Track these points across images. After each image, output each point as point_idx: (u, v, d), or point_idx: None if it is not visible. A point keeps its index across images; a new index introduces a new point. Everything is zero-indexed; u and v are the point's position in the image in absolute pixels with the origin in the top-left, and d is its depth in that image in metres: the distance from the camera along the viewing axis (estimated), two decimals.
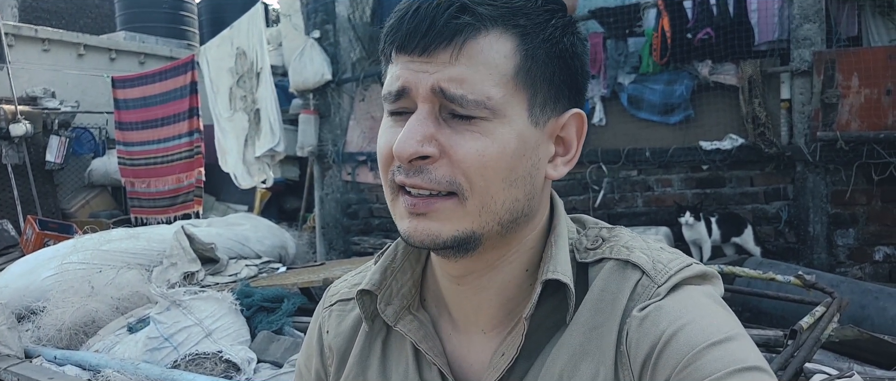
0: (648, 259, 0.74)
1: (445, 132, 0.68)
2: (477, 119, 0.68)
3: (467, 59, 0.67)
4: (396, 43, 0.70)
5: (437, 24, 0.66)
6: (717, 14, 4.50)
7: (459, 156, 0.68)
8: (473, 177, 0.68)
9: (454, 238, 0.70)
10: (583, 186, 5.12)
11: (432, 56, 0.67)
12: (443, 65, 0.67)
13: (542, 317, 0.75)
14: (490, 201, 0.70)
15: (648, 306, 0.69)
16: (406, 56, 0.69)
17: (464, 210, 0.69)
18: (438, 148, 0.68)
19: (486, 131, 0.68)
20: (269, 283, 4.10)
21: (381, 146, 0.73)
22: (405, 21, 0.68)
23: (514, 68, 0.69)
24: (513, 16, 0.69)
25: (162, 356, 3.39)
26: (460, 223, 0.70)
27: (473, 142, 0.68)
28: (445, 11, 0.66)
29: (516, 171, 0.70)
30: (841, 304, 2.81)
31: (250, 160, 6.58)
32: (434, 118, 0.68)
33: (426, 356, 0.79)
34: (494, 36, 0.68)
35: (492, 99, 0.68)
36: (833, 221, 4.41)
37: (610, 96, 4.98)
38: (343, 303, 0.91)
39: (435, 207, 0.69)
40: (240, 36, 6.55)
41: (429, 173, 0.68)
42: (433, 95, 0.67)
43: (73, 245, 4.72)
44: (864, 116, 4.13)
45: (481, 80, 0.67)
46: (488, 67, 0.68)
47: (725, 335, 0.65)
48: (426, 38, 0.67)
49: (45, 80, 8.83)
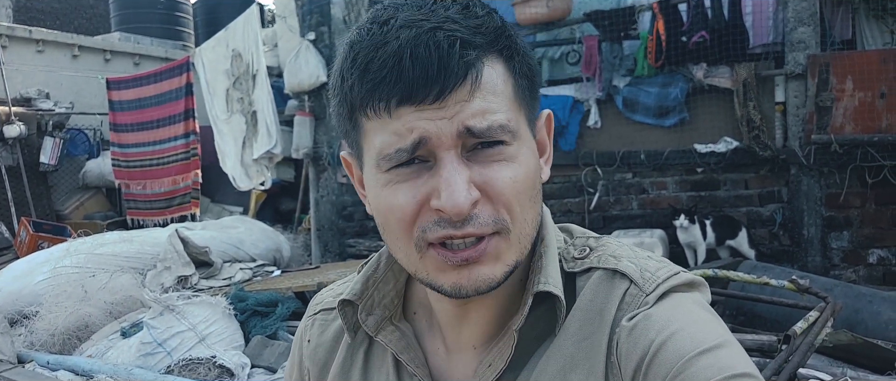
0: (636, 268, 0.73)
1: (476, 170, 0.67)
2: (501, 146, 0.67)
3: (481, 92, 0.66)
4: (398, 95, 0.64)
5: (450, 65, 0.63)
6: (712, 17, 4.51)
7: (498, 190, 0.67)
8: (513, 207, 0.68)
9: (505, 275, 0.69)
10: (578, 189, 5.12)
11: (446, 100, 0.64)
12: (460, 104, 0.65)
13: (529, 328, 0.74)
14: (524, 226, 0.70)
15: (637, 316, 0.69)
16: (412, 107, 0.64)
17: (508, 244, 0.69)
18: (477, 189, 0.66)
19: (510, 157, 0.68)
20: (264, 287, 4.09)
21: (400, 204, 0.67)
22: (406, 70, 0.63)
23: (512, 89, 0.70)
24: (497, 40, 0.68)
25: (155, 362, 3.38)
26: (508, 258, 0.69)
27: (505, 172, 0.67)
28: (451, 50, 0.64)
29: (536, 186, 0.71)
30: (834, 308, 2.81)
31: (248, 162, 6.57)
32: (463, 161, 0.67)
33: (407, 367, 0.79)
34: (491, 63, 0.68)
35: (510, 122, 0.68)
36: (827, 223, 4.41)
37: (605, 99, 4.98)
38: (326, 312, 0.90)
39: (486, 250, 0.67)
40: (235, 38, 6.54)
41: (477, 219, 0.66)
42: (458, 138, 0.65)
43: (66, 249, 4.71)
44: (858, 119, 4.14)
45: (496, 108, 0.67)
46: (496, 95, 0.67)
47: (715, 343, 0.64)
48: (440, 83, 0.63)
49: (40, 81, 8.80)
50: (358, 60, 0.66)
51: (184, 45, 10.67)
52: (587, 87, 5.04)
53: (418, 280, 0.72)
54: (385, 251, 0.83)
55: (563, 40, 5.26)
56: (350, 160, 0.79)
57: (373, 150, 0.68)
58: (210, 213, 7.89)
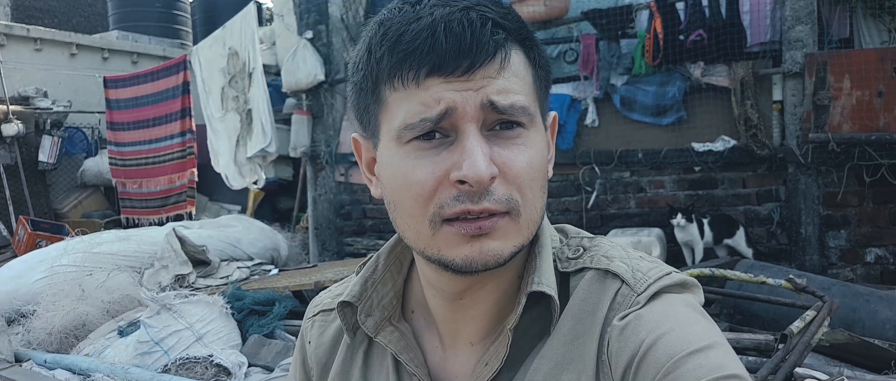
0: (628, 268, 0.74)
1: (495, 150, 0.68)
2: (520, 128, 0.69)
3: (508, 73, 0.69)
4: (429, 65, 0.66)
5: (482, 41, 0.66)
6: (710, 16, 4.51)
7: (515, 171, 0.68)
8: (525, 190, 0.69)
9: (512, 254, 0.70)
10: (576, 188, 5.12)
11: (474, 74, 0.66)
12: (487, 80, 0.67)
13: (526, 327, 0.75)
14: (533, 212, 0.71)
15: (628, 315, 0.69)
16: (441, 78, 0.66)
17: (517, 226, 0.70)
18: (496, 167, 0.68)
19: (527, 141, 0.70)
20: (261, 286, 4.08)
21: (419, 179, 0.68)
22: (439, 41, 0.65)
23: (532, 77, 0.72)
24: (520, 30, 0.71)
25: (152, 361, 3.38)
26: (515, 239, 0.70)
27: (522, 154, 0.69)
28: (483, 28, 0.67)
29: (545, 175, 0.74)
30: (832, 307, 2.82)
31: (242, 161, 6.56)
32: (484, 137, 0.68)
33: (407, 367, 0.79)
34: (516, 49, 0.71)
35: (530, 107, 0.70)
36: (825, 222, 4.41)
37: (602, 98, 4.98)
38: (325, 314, 0.91)
39: (498, 225, 0.68)
40: (232, 36, 6.53)
41: (492, 194, 0.67)
42: (481, 111, 0.67)
43: (63, 248, 4.70)
44: (855, 118, 4.14)
45: (519, 89, 0.69)
46: (519, 78, 0.70)
47: (705, 344, 0.65)
48: (470, 57, 0.66)
49: (38, 79, 8.79)
50: (389, 34, 0.68)
51: (181, 44, 10.67)
52: (585, 85, 5.03)
53: (425, 258, 0.73)
54: (383, 252, 0.84)
55: (560, 39, 5.26)
56: (361, 140, 0.80)
57: (395, 122, 0.70)
58: (208, 211, 7.89)
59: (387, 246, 0.85)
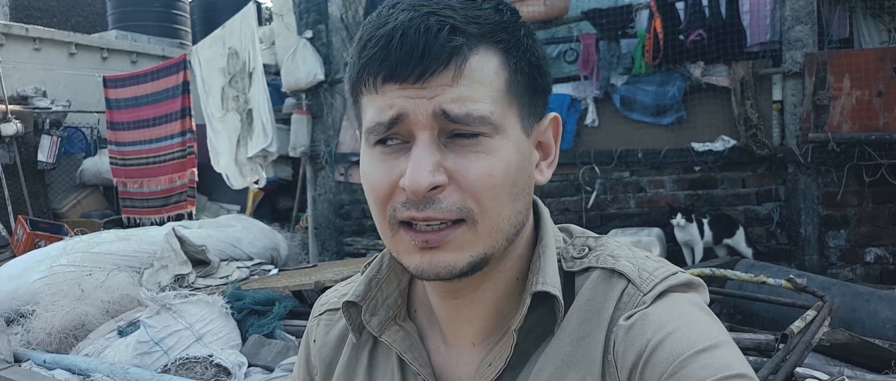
0: (634, 268, 0.74)
1: (450, 157, 0.68)
2: (480, 136, 0.68)
3: (465, 80, 0.67)
4: (383, 72, 0.67)
5: (434, 48, 0.65)
6: (709, 15, 4.51)
7: (469, 179, 0.67)
8: (483, 199, 0.68)
9: (470, 265, 0.70)
10: (576, 188, 5.12)
11: (428, 81, 0.66)
12: (441, 88, 0.66)
13: (530, 327, 0.75)
14: (498, 220, 0.70)
15: (634, 315, 0.69)
16: (396, 85, 0.67)
17: (475, 235, 0.69)
18: (447, 175, 0.67)
19: (489, 149, 0.68)
20: (261, 286, 4.08)
21: (377, 182, 0.70)
22: (393, 49, 0.66)
23: (504, 83, 0.70)
24: (495, 32, 0.69)
25: (152, 361, 3.37)
26: (473, 248, 0.70)
27: (480, 162, 0.68)
28: (438, 34, 0.66)
29: (518, 184, 0.71)
30: (832, 307, 2.81)
31: (243, 161, 6.56)
32: (437, 145, 0.68)
33: (411, 366, 0.79)
34: (483, 54, 0.68)
35: (493, 114, 0.68)
36: (824, 222, 4.42)
37: (602, 97, 4.98)
38: (331, 313, 0.91)
39: (447, 238, 0.68)
40: (232, 36, 6.53)
41: (439, 203, 0.67)
42: (434, 119, 0.67)
43: (63, 248, 4.69)
44: (855, 118, 4.14)
45: (480, 97, 0.68)
46: (484, 85, 0.68)
47: (711, 343, 0.65)
48: (422, 64, 0.65)
49: (37, 79, 8.78)
50: (361, 39, 0.70)
51: (181, 43, 10.65)
52: (585, 85, 5.03)
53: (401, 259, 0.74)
54: (387, 252, 0.84)
55: (560, 39, 5.26)
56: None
57: (364, 124, 0.72)
58: (207, 211, 7.88)
59: None
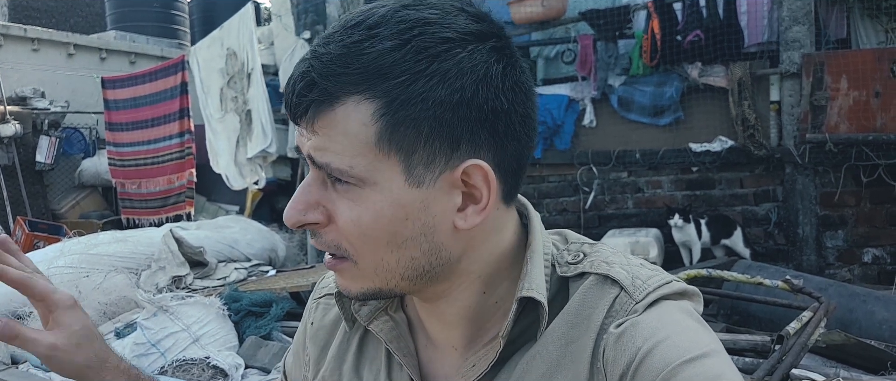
0: (628, 275, 0.73)
1: (332, 197, 0.69)
2: (349, 185, 0.68)
3: (324, 131, 0.67)
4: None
5: (295, 101, 0.68)
6: (707, 16, 4.51)
7: (339, 224, 0.69)
8: (356, 243, 0.69)
9: (363, 293, 0.73)
10: (574, 188, 5.12)
11: (303, 127, 0.70)
12: (310, 134, 0.69)
13: (518, 332, 0.75)
14: (381, 263, 0.70)
15: (625, 322, 0.69)
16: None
17: (359, 271, 0.71)
18: (325, 215, 0.70)
19: (358, 199, 0.67)
20: (258, 287, 4.08)
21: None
22: (288, 94, 0.71)
23: (375, 135, 0.65)
24: (370, 80, 0.64)
25: (149, 363, 3.37)
26: (362, 282, 0.72)
27: (349, 210, 0.68)
28: (297, 86, 0.68)
29: (401, 234, 0.68)
30: (828, 308, 2.82)
31: (242, 161, 6.56)
32: (321, 183, 0.70)
33: (395, 355, 0.80)
34: (350, 106, 0.65)
35: (354, 168, 0.66)
36: (822, 223, 4.42)
37: (600, 98, 4.98)
38: (329, 297, 0.91)
39: (338, 266, 0.72)
40: (230, 36, 6.53)
41: (321, 237, 0.71)
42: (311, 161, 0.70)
43: (60, 249, 4.69)
44: (852, 118, 4.14)
45: (341, 149, 0.66)
46: (347, 136, 0.65)
47: (701, 352, 0.64)
48: (293, 112, 0.69)
49: (35, 79, 8.77)
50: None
51: (179, 44, 10.64)
52: (582, 86, 5.03)
53: None
54: None
55: (558, 39, 5.26)
56: None
57: None
58: (206, 212, 7.88)
59: None
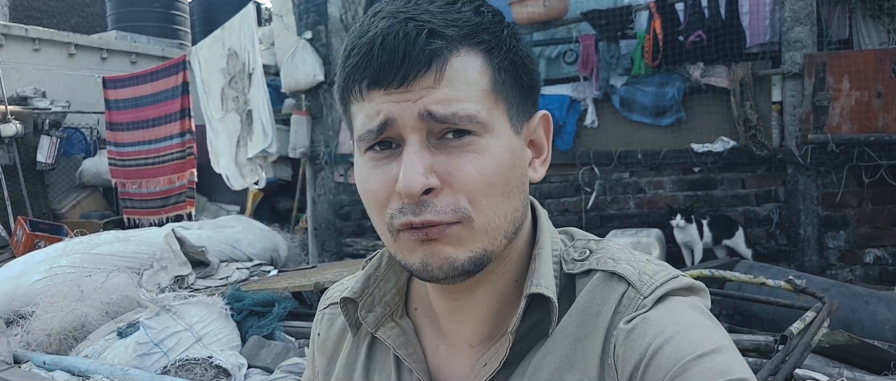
0: (634, 271, 0.73)
1: (441, 159, 0.68)
2: (470, 135, 0.68)
3: (448, 81, 0.68)
4: (367, 79, 0.68)
5: (413, 53, 0.66)
6: (709, 17, 4.51)
7: (461, 180, 0.68)
8: (476, 198, 0.69)
9: (470, 260, 0.70)
10: (575, 188, 5.12)
11: (412, 85, 0.67)
12: (425, 90, 0.67)
13: (527, 329, 0.75)
14: (494, 218, 0.70)
15: (635, 319, 0.69)
16: (382, 91, 0.68)
17: (472, 233, 0.69)
18: (438, 178, 0.68)
19: (480, 148, 0.69)
20: (260, 287, 4.08)
21: (372, 189, 0.71)
22: (375, 56, 0.67)
23: (489, 82, 0.70)
24: (476, 33, 0.70)
25: (152, 362, 3.37)
26: (472, 245, 0.70)
27: (471, 162, 0.68)
28: (417, 39, 0.67)
29: (511, 182, 0.71)
30: (831, 309, 2.82)
31: (243, 161, 6.55)
32: (427, 148, 0.68)
33: (404, 362, 0.79)
34: (465, 55, 0.69)
35: (480, 113, 0.69)
36: (824, 223, 4.42)
37: (602, 98, 4.98)
38: (335, 306, 0.92)
39: (447, 232, 0.69)
40: (231, 36, 6.52)
41: (434, 206, 0.68)
42: (421, 121, 0.67)
43: (62, 249, 4.69)
44: (854, 119, 4.14)
45: (465, 97, 0.68)
46: (468, 85, 0.69)
47: (712, 347, 0.64)
48: (404, 68, 0.67)
49: (36, 79, 8.77)
50: (346, 48, 0.71)
51: (180, 44, 10.64)
52: (584, 86, 5.03)
53: (398, 262, 0.74)
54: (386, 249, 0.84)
55: (559, 40, 5.26)
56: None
57: (355, 132, 0.73)
58: (207, 212, 7.88)
59: None
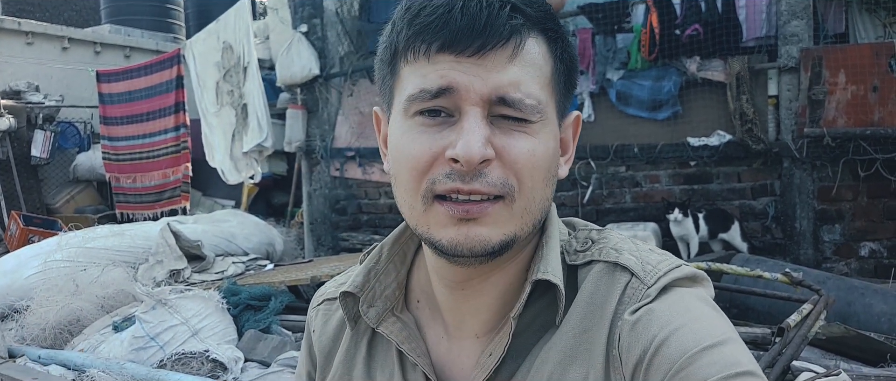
0: (637, 261, 0.73)
1: (497, 134, 0.68)
2: (526, 121, 0.68)
3: (521, 61, 0.67)
4: (441, 41, 0.66)
5: (496, 24, 0.65)
6: (705, 10, 4.51)
7: (513, 157, 0.68)
8: (524, 177, 0.68)
9: (502, 242, 0.69)
10: (571, 183, 5.12)
11: (485, 57, 0.66)
12: (497, 67, 0.66)
13: (531, 318, 0.74)
14: (532, 202, 0.70)
15: (639, 310, 0.69)
16: (451, 56, 0.66)
17: (510, 213, 0.69)
18: (494, 151, 0.68)
19: (534, 132, 0.69)
20: (256, 281, 4.07)
21: (415, 153, 0.69)
22: (454, 19, 0.65)
23: (550, 71, 0.71)
24: (547, 19, 0.70)
25: (148, 356, 3.36)
26: (506, 226, 0.69)
27: (525, 142, 0.68)
28: (500, 11, 0.65)
29: (552, 170, 0.72)
30: (827, 301, 2.83)
31: (238, 156, 6.53)
32: (487, 121, 0.68)
33: (408, 356, 0.79)
34: (535, 38, 0.69)
35: (542, 101, 0.69)
36: (819, 216, 4.43)
37: (598, 92, 4.98)
38: (329, 302, 0.91)
39: (488, 211, 0.68)
40: (226, 30, 6.49)
41: (486, 177, 0.67)
42: (488, 96, 0.67)
43: (57, 243, 4.67)
44: (850, 113, 4.15)
45: (532, 81, 0.68)
46: (536, 69, 0.69)
47: (718, 339, 0.64)
48: (482, 38, 0.65)
49: (29, 73, 8.72)
50: (412, 8, 0.69)
51: (175, 38, 10.59)
52: (580, 80, 5.02)
53: (420, 237, 0.73)
54: (387, 242, 0.84)
55: None
56: (381, 114, 0.81)
57: (404, 93, 0.70)
58: (202, 206, 7.86)
59: (392, 236, 0.85)
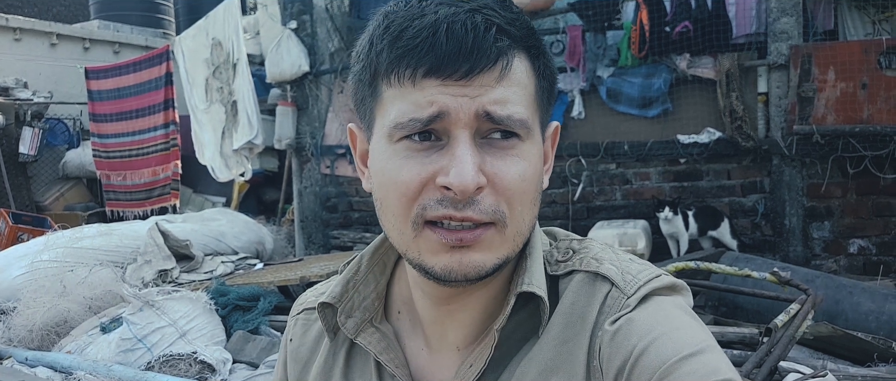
0: (617, 271, 0.73)
1: (487, 160, 0.67)
2: (516, 139, 0.68)
3: (507, 81, 0.67)
4: (427, 65, 0.64)
5: (483, 47, 0.64)
6: (695, 7, 4.50)
7: (505, 183, 0.67)
8: (514, 202, 0.68)
9: (495, 266, 0.69)
10: (562, 180, 5.11)
11: (473, 79, 0.65)
12: (485, 87, 0.65)
13: (512, 329, 0.74)
14: (522, 223, 0.70)
15: (619, 320, 0.68)
16: (438, 80, 0.64)
17: (503, 238, 0.68)
18: (485, 177, 0.67)
19: (522, 153, 0.68)
20: (246, 281, 4.06)
21: (404, 179, 0.67)
22: (439, 43, 0.64)
23: (534, 88, 0.70)
24: (529, 37, 0.70)
25: (135, 358, 3.35)
26: (499, 251, 0.69)
27: (515, 166, 0.67)
28: (486, 33, 0.64)
29: (537, 189, 0.72)
30: (815, 300, 2.83)
31: (228, 153, 6.50)
32: (476, 145, 0.67)
33: (386, 367, 0.78)
34: (521, 57, 0.69)
35: (529, 118, 0.69)
36: (809, 214, 4.44)
37: (589, 90, 4.97)
38: (309, 312, 0.90)
39: (481, 237, 0.67)
40: (215, 26, 6.45)
41: (478, 205, 0.66)
42: (476, 118, 0.66)
43: (44, 243, 4.64)
44: (840, 110, 4.16)
45: (519, 100, 0.67)
46: (520, 88, 0.68)
47: (697, 348, 0.64)
48: (470, 61, 0.64)
49: (17, 70, 8.65)
50: (391, 28, 0.66)
51: (164, 34, 10.52)
52: (571, 77, 5.02)
53: (408, 262, 0.72)
54: (367, 253, 0.83)
55: (546, 30, 5.23)
56: (357, 132, 0.79)
57: (387, 119, 0.68)
58: (192, 204, 7.82)
59: (371, 247, 0.84)
